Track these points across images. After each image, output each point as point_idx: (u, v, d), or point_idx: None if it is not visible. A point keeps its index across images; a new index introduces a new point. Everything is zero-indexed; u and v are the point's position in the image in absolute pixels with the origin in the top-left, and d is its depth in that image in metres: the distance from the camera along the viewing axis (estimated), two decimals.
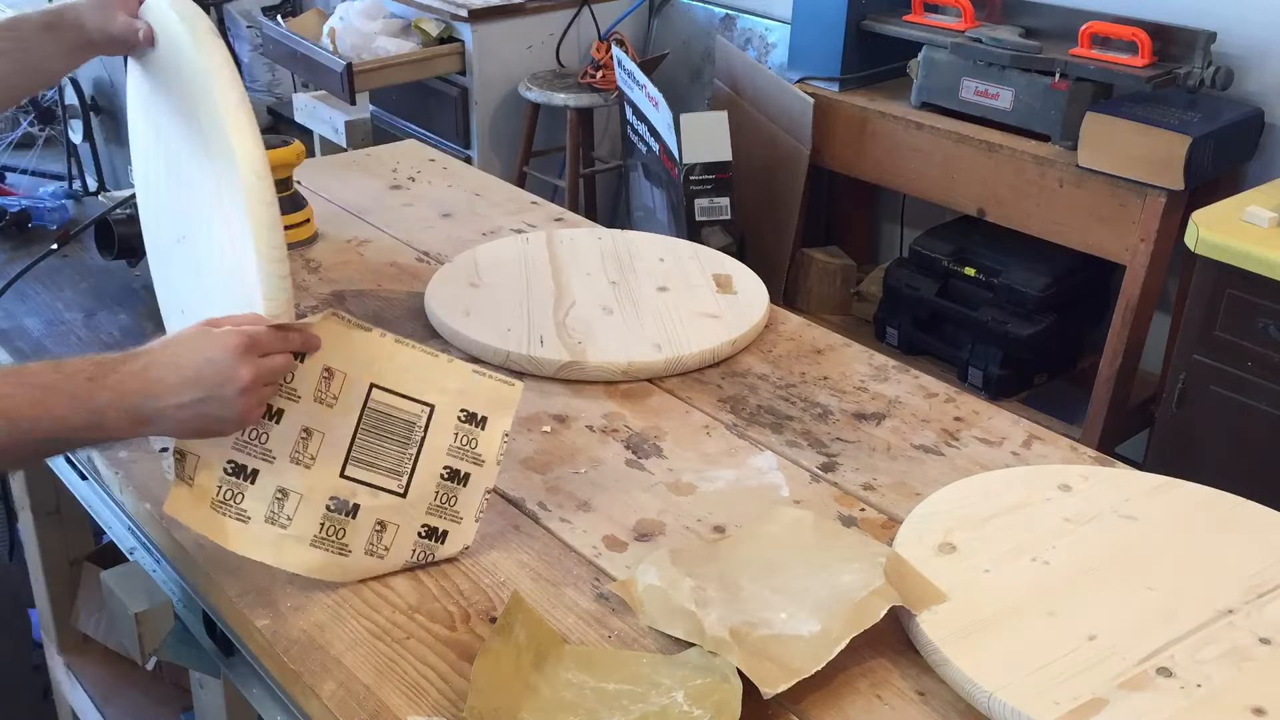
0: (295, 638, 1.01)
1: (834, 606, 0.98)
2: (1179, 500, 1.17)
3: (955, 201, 2.66)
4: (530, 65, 3.40)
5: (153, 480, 1.20)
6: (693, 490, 1.22)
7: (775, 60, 3.22)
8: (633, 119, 3.10)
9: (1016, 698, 0.91)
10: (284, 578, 1.07)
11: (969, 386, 2.63)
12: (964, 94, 2.61)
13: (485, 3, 3.31)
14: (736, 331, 1.48)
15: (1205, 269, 2.03)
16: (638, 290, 1.57)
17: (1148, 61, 2.37)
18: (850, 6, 2.76)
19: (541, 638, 0.99)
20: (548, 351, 1.41)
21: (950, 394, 1.42)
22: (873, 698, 0.96)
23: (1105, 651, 0.96)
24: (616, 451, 1.28)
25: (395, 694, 0.95)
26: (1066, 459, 1.28)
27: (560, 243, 1.70)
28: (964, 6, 2.66)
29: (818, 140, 2.80)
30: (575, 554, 1.12)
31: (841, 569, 1.03)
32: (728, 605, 1.00)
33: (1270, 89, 2.40)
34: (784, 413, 1.36)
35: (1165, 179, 2.24)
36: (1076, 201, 2.41)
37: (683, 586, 1.02)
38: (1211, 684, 0.93)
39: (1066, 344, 2.71)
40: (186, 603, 1.18)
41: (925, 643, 0.98)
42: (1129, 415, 2.57)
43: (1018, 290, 2.58)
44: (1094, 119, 2.32)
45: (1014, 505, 1.15)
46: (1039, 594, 1.03)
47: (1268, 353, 1.99)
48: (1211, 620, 1.00)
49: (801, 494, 1.22)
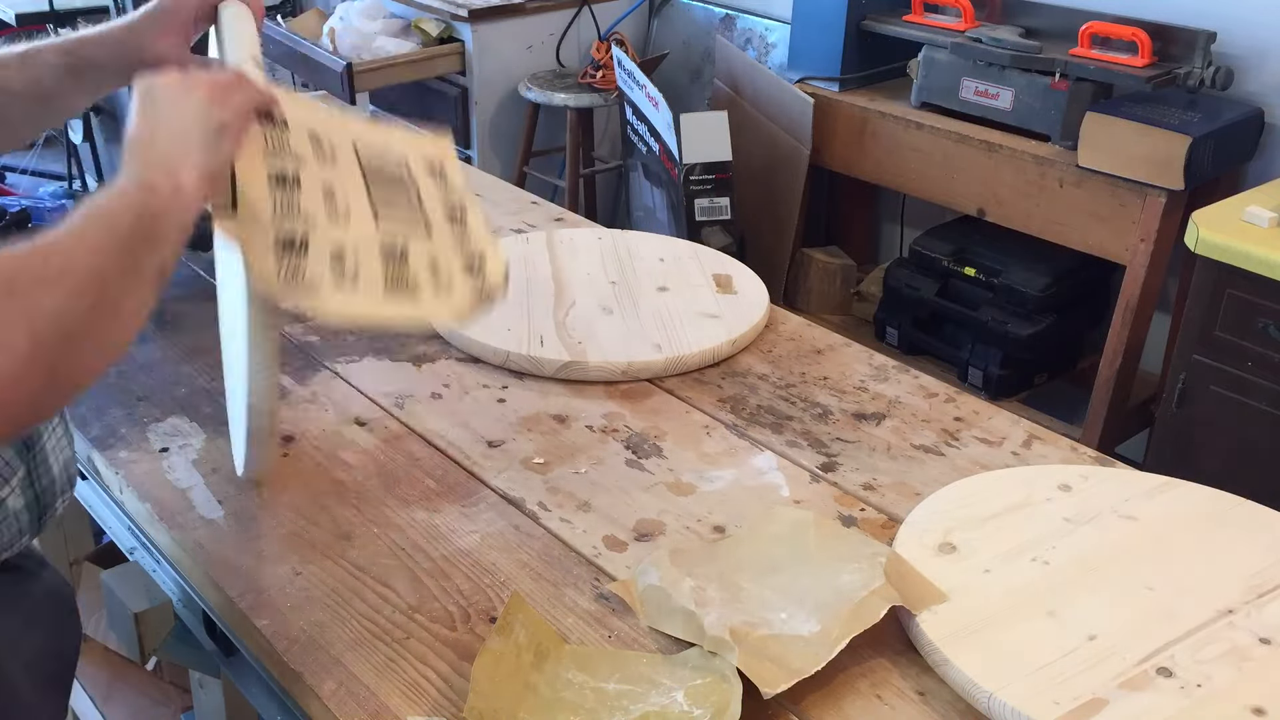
0: (295, 638, 1.01)
1: (834, 606, 0.98)
2: (1179, 500, 1.17)
3: (955, 201, 2.66)
4: (530, 65, 3.40)
5: (153, 480, 1.20)
6: (693, 490, 1.22)
7: (775, 60, 3.22)
8: (633, 119, 3.10)
9: (1016, 698, 0.91)
10: (284, 577, 1.07)
11: (969, 386, 2.64)
12: (964, 94, 2.61)
13: (485, 3, 3.31)
14: (736, 331, 1.48)
15: (1205, 269, 2.03)
16: (638, 290, 1.57)
17: (1148, 61, 2.37)
18: (850, 6, 2.77)
19: (541, 638, 0.99)
20: (548, 351, 1.41)
21: (950, 394, 1.42)
22: (873, 698, 0.96)
23: (1105, 651, 0.96)
24: (616, 451, 1.28)
25: (395, 694, 0.95)
26: (1066, 459, 1.28)
27: (560, 243, 1.70)
28: (964, 6, 2.66)
29: (818, 140, 2.80)
30: (575, 554, 1.12)
31: (841, 569, 1.03)
32: (728, 605, 1.00)
33: (1270, 89, 2.40)
34: (784, 413, 1.36)
35: (1165, 179, 2.24)
36: (1076, 201, 2.41)
37: (683, 586, 1.02)
38: (1211, 684, 0.93)
39: (1066, 344, 2.71)
40: (186, 603, 1.18)
41: (925, 643, 0.98)
42: (1129, 415, 2.57)
43: (1018, 290, 2.58)
44: (1094, 119, 2.32)
45: (1014, 505, 1.15)
46: (1039, 594, 1.03)
47: (1268, 353, 1.99)
48: (1211, 620, 1.00)
49: (801, 494, 1.22)
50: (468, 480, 1.23)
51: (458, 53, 3.33)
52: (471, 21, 3.27)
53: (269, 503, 1.17)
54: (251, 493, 1.19)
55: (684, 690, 0.94)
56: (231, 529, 1.14)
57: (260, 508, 1.17)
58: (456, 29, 3.33)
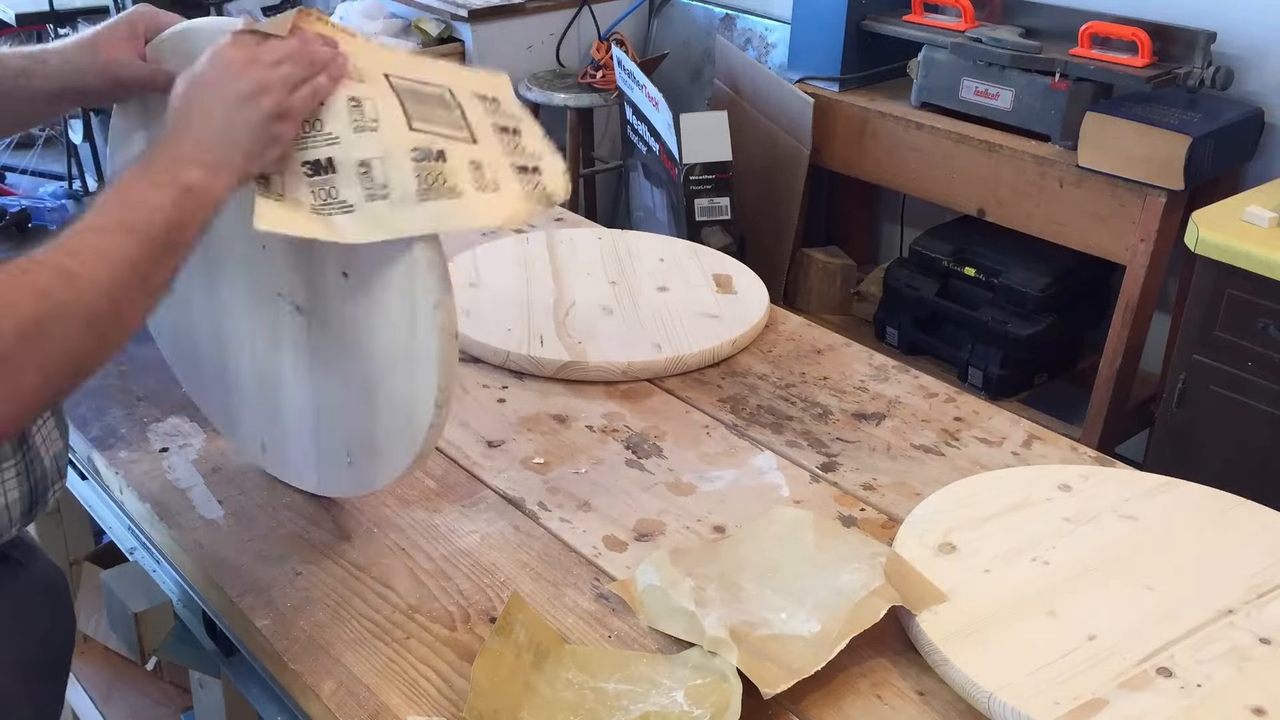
0: (295, 638, 1.01)
1: (834, 606, 0.98)
2: (1179, 500, 1.17)
3: (955, 201, 2.66)
4: (530, 65, 3.40)
5: (153, 480, 1.20)
6: (693, 490, 1.22)
7: (775, 60, 3.21)
8: (633, 119, 3.10)
9: (1016, 698, 0.91)
10: (284, 577, 1.07)
11: (969, 386, 2.63)
12: (964, 94, 2.61)
13: (485, 3, 3.31)
14: (736, 331, 1.48)
15: (1205, 269, 2.03)
16: (638, 290, 1.57)
17: (1148, 61, 2.37)
18: (850, 6, 2.76)
19: (541, 638, 0.99)
20: (548, 351, 1.41)
21: (950, 394, 1.42)
22: (873, 698, 0.96)
23: (1105, 651, 0.96)
24: (616, 451, 1.28)
25: (395, 694, 0.95)
26: (1066, 459, 1.28)
27: (560, 243, 1.70)
28: (964, 6, 2.66)
29: (818, 140, 2.80)
30: (575, 554, 1.12)
31: (841, 569, 1.03)
32: (727, 605, 1.00)
33: (1270, 89, 2.40)
34: (784, 413, 1.36)
35: (1165, 179, 2.24)
36: (1076, 201, 2.41)
37: (682, 586, 1.02)
38: (1211, 684, 0.93)
39: (1066, 344, 2.71)
40: (186, 603, 1.18)
41: (925, 643, 0.98)
42: (1129, 415, 2.57)
43: (1018, 290, 2.58)
44: (1094, 119, 2.32)
45: (1014, 505, 1.15)
46: (1039, 594, 1.03)
47: (1268, 353, 1.99)
48: (1211, 620, 1.00)
49: (801, 494, 1.22)
50: (468, 480, 1.23)
51: (458, 53, 3.33)
52: (471, 21, 3.27)
53: (269, 503, 1.18)
54: (252, 493, 1.19)
55: (684, 690, 0.94)
56: (231, 529, 1.14)
57: (260, 508, 1.17)
58: (456, 29, 3.33)
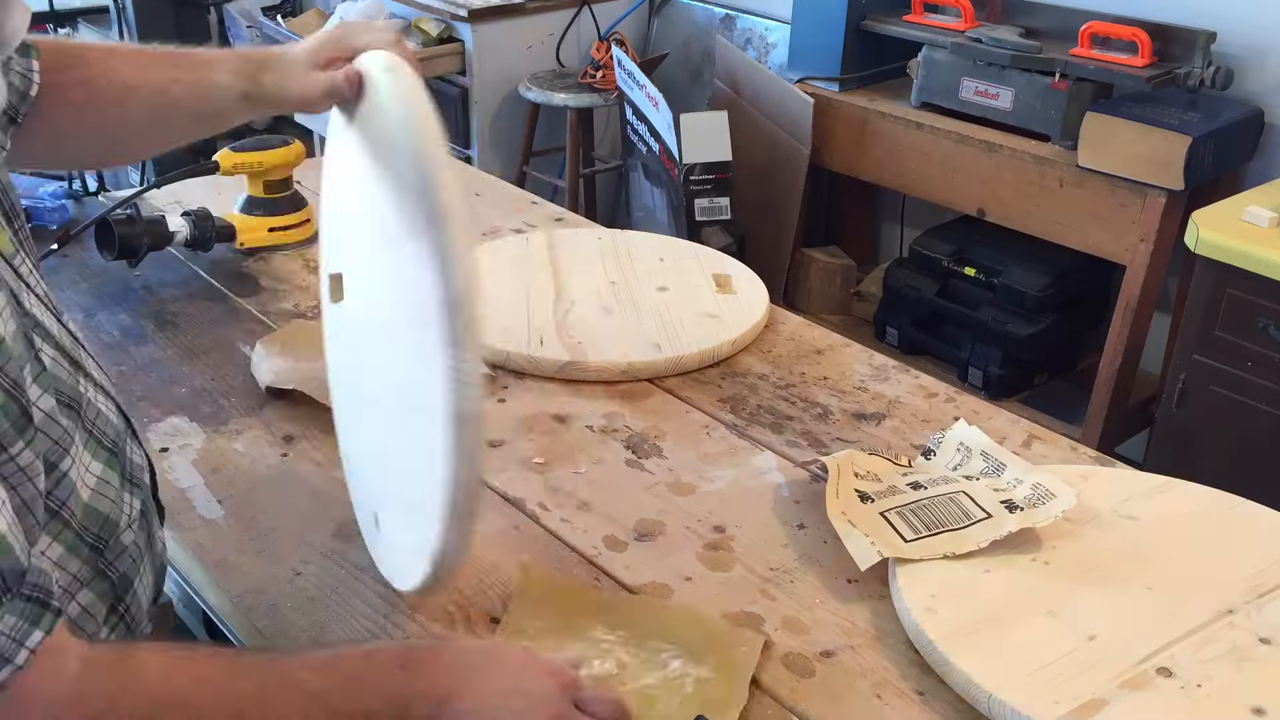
0: (295, 638, 1.01)
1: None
2: (1179, 500, 1.17)
3: (955, 201, 2.66)
4: (530, 65, 3.40)
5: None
6: (693, 490, 1.22)
7: (775, 60, 3.22)
8: (633, 119, 3.10)
9: (1016, 698, 0.91)
10: (284, 577, 1.07)
11: (969, 386, 2.63)
12: (964, 94, 2.61)
13: (485, 3, 3.31)
14: (736, 331, 1.48)
15: (1205, 269, 2.03)
16: (638, 290, 1.57)
17: (1148, 61, 2.37)
18: (850, 6, 2.77)
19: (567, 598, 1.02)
20: (548, 351, 1.41)
21: (950, 394, 1.42)
22: (873, 698, 0.96)
23: (1105, 651, 0.96)
24: (616, 451, 1.28)
25: None
26: (1066, 459, 1.28)
27: (560, 243, 1.70)
28: (964, 6, 2.66)
29: (818, 140, 2.80)
30: (575, 554, 1.12)
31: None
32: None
33: (1270, 89, 2.40)
34: (784, 413, 1.36)
35: (1165, 179, 2.25)
36: (1076, 201, 2.41)
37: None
38: (1211, 684, 0.93)
39: (1066, 344, 2.71)
40: (186, 603, 1.18)
41: (925, 643, 0.98)
42: (1129, 415, 2.57)
43: (1018, 290, 2.58)
44: (1094, 119, 2.32)
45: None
46: (1039, 594, 1.03)
47: (1268, 353, 1.99)
48: (1211, 620, 1.00)
49: (801, 494, 1.22)
50: None
51: (458, 53, 3.33)
52: (471, 21, 3.27)
53: (269, 503, 1.18)
54: (252, 492, 1.19)
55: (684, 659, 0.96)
56: (231, 529, 1.14)
57: (260, 508, 1.17)
58: (456, 29, 3.33)
